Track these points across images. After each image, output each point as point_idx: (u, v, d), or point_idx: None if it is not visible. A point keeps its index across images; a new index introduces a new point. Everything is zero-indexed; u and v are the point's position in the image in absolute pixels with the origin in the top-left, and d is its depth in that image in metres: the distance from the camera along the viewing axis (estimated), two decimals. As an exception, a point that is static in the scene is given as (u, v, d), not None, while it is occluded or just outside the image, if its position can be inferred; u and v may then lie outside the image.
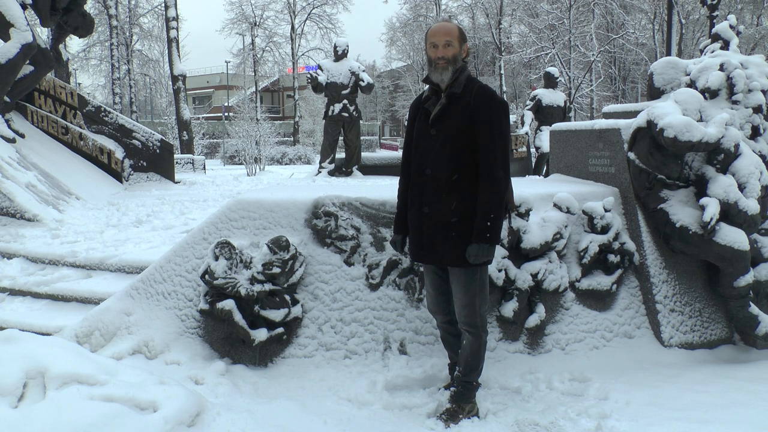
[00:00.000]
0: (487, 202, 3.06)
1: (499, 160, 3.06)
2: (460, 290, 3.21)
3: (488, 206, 3.05)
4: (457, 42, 3.17)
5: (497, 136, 3.08)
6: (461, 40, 3.20)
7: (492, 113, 3.10)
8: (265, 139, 21.22)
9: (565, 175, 5.19)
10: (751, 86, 4.63)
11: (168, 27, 20.53)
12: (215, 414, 2.96)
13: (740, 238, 4.22)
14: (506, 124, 3.13)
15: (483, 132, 3.08)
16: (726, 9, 29.10)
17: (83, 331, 4.00)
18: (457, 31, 3.21)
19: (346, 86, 11.00)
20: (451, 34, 3.18)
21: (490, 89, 3.19)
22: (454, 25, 3.27)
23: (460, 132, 3.11)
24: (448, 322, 3.44)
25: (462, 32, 3.24)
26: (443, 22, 3.30)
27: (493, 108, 3.11)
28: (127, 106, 34.59)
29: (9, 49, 8.56)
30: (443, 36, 3.17)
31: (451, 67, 3.16)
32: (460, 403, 3.26)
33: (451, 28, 3.22)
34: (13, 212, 7.01)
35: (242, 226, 4.03)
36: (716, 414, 3.30)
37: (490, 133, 3.08)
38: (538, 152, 11.31)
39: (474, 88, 3.15)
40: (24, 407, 2.51)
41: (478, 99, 3.11)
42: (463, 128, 3.11)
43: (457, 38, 3.18)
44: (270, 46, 43.20)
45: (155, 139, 11.49)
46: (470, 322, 3.22)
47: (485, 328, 3.29)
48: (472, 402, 3.30)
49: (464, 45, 3.22)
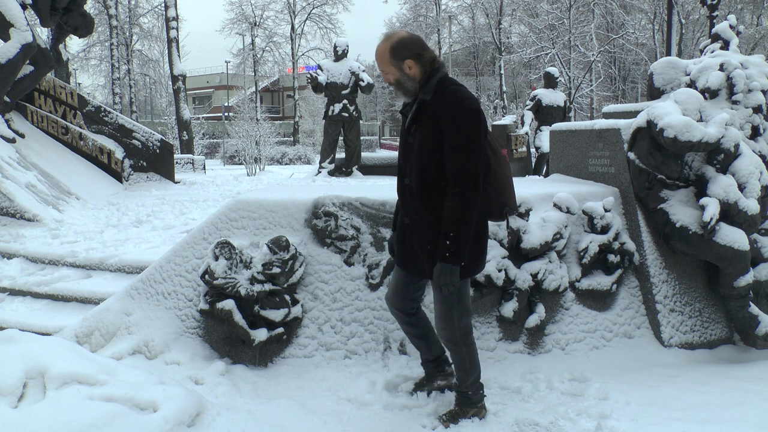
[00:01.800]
0: (447, 219, 2.82)
1: (464, 174, 2.79)
2: (437, 302, 3.07)
3: (448, 224, 2.81)
4: (391, 67, 2.95)
5: (463, 146, 2.80)
6: (397, 60, 2.92)
7: (455, 121, 2.82)
8: (265, 139, 21.22)
9: (565, 175, 5.19)
10: (751, 86, 4.63)
11: (168, 27, 20.54)
12: (215, 414, 2.96)
13: (740, 238, 4.22)
14: (474, 132, 2.81)
15: (449, 142, 2.82)
16: (726, 9, 29.10)
17: (83, 331, 4.00)
18: (387, 56, 2.94)
19: (346, 86, 11.00)
20: (382, 61, 2.97)
21: (459, 94, 2.87)
22: (384, 47, 2.96)
23: (431, 141, 2.87)
24: (408, 323, 3.36)
25: (396, 50, 2.92)
26: (378, 46, 2.99)
27: (457, 115, 2.82)
28: (127, 106, 34.59)
29: (9, 49, 8.56)
30: (378, 65, 3.01)
31: (401, 89, 2.99)
32: (463, 407, 3.22)
33: (381, 54, 2.97)
34: (13, 212, 7.01)
35: (242, 226, 4.03)
36: (716, 414, 3.30)
37: (455, 144, 2.81)
38: (538, 152, 11.31)
39: (444, 94, 2.88)
40: (24, 407, 2.51)
41: (443, 106, 2.85)
42: (432, 137, 2.87)
43: (389, 63, 2.94)
44: (270, 46, 43.23)
45: (155, 139, 11.49)
46: (448, 337, 3.09)
47: (467, 341, 3.10)
48: (478, 407, 3.22)
49: (405, 62, 2.92)
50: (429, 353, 3.46)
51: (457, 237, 2.80)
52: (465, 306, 3.08)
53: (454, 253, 2.81)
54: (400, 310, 3.32)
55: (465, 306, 3.08)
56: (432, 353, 3.46)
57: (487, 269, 3.99)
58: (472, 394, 3.21)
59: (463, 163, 2.80)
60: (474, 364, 3.17)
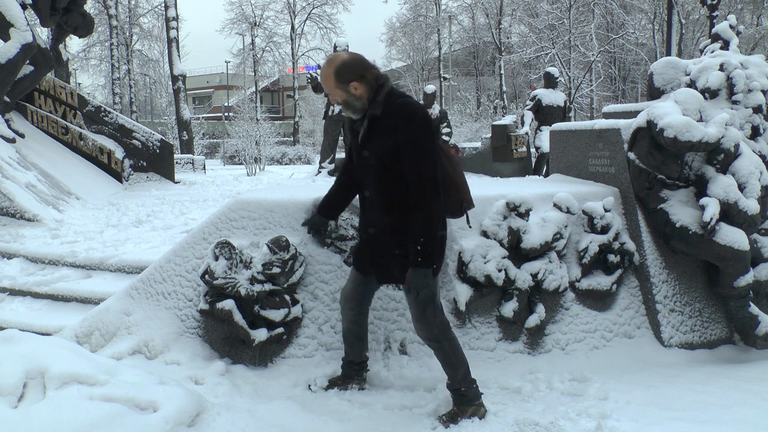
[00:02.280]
0: (413, 226, 2.94)
1: (423, 181, 2.91)
2: (412, 306, 3.15)
3: (416, 230, 2.93)
4: (337, 90, 3.03)
5: (419, 155, 2.92)
6: (342, 83, 3.00)
7: (411, 131, 2.93)
8: (265, 139, 21.22)
9: (565, 175, 5.19)
10: (751, 86, 4.63)
11: (168, 27, 20.55)
12: (215, 414, 2.96)
13: (740, 238, 4.22)
14: (429, 141, 2.95)
15: (405, 152, 2.94)
16: (726, 9, 29.09)
17: (83, 331, 4.00)
18: (332, 80, 3.02)
19: (346, 86, 11.00)
20: (327, 85, 3.05)
21: (410, 106, 3.00)
22: (328, 72, 3.03)
23: (388, 153, 2.99)
24: (355, 323, 3.48)
25: (339, 74, 3.00)
26: (322, 71, 3.08)
27: (413, 126, 2.94)
28: (127, 106, 34.59)
29: (9, 49, 8.56)
30: (324, 88, 3.10)
31: (349, 108, 3.08)
32: (461, 406, 3.24)
33: (326, 79, 3.04)
34: (13, 212, 7.01)
35: (242, 226, 4.03)
36: (716, 414, 3.30)
37: (411, 153, 2.93)
38: (538, 152, 11.31)
39: (393, 107, 2.98)
40: (24, 407, 2.51)
41: (397, 119, 2.96)
42: (389, 149, 2.98)
43: (335, 86, 3.03)
44: (270, 46, 43.24)
45: (155, 139, 11.49)
46: (428, 336, 3.17)
47: (446, 336, 3.18)
48: (475, 405, 3.24)
49: (350, 84, 3.00)
50: (360, 355, 3.59)
51: (427, 242, 2.93)
52: (437, 303, 3.18)
53: (426, 257, 2.94)
54: (352, 310, 3.47)
55: (437, 303, 3.18)
56: (362, 356, 3.60)
57: (487, 269, 3.99)
58: (465, 390, 3.23)
59: (421, 170, 2.92)
60: (459, 357, 3.22)
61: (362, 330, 3.55)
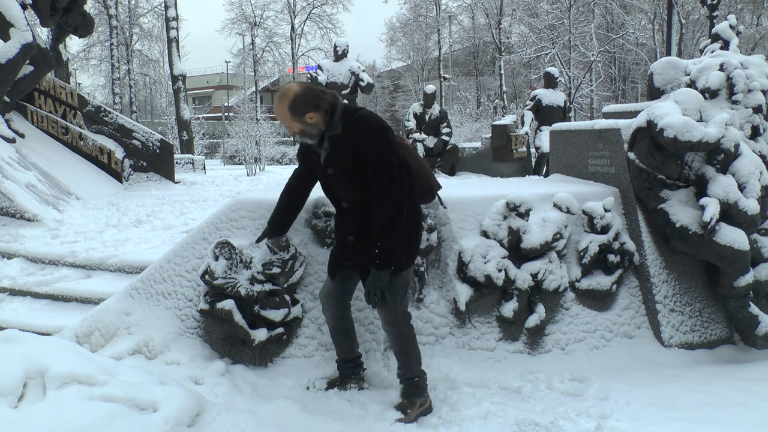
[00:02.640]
0: (373, 230, 3.07)
1: (388, 186, 3.02)
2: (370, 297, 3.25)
3: (374, 234, 3.06)
4: (293, 122, 3.08)
5: (381, 164, 3.03)
6: (298, 115, 3.05)
7: (373, 144, 3.04)
8: (265, 139, 21.22)
9: (565, 175, 5.19)
10: (751, 86, 4.63)
11: (168, 27, 20.53)
12: (215, 414, 2.96)
13: (740, 238, 4.22)
14: (388, 147, 3.05)
15: (369, 163, 3.05)
16: (726, 9, 29.09)
17: (83, 331, 4.00)
18: (287, 115, 3.06)
19: (346, 86, 11.00)
20: (283, 119, 3.10)
21: (366, 119, 3.10)
22: (282, 108, 3.07)
23: (354, 168, 3.10)
24: (340, 318, 3.53)
25: (294, 108, 3.04)
26: (276, 107, 3.12)
27: (374, 139, 3.05)
28: (127, 106, 34.58)
29: (9, 49, 8.56)
30: (280, 121, 3.16)
31: (306, 136, 3.14)
32: (411, 398, 3.31)
33: (281, 114, 3.09)
34: (13, 212, 7.01)
35: (242, 226, 4.03)
36: (716, 414, 3.30)
37: (375, 164, 3.04)
38: (538, 152, 11.30)
39: (351, 124, 3.07)
40: (24, 407, 2.51)
41: (358, 134, 3.06)
42: (354, 163, 3.09)
43: (291, 120, 3.08)
44: (270, 46, 43.25)
45: (155, 139, 11.49)
46: (390, 320, 3.27)
47: (407, 322, 3.32)
48: (424, 396, 3.33)
49: (306, 116, 3.06)
50: (351, 351, 3.63)
51: (384, 246, 3.05)
52: (405, 293, 3.29)
53: (383, 260, 3.07)
54: (334, 306, 3.53)
55: (405, 293, 3.29)
56: (353, 351, 3.64)
57: (487, 269, 4.00)
58: (419, 380, 3.32)
59: (386, 177, 3.03)
60: (415, 346, 3.35)
61: (348, 324, 3.58)
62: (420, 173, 3.32)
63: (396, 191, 3.05)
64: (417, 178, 3.28)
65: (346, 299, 3.56)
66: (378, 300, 3.13)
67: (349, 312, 3.60)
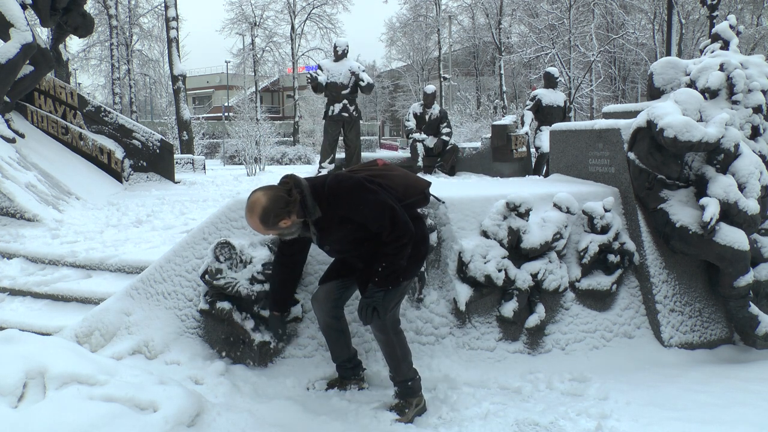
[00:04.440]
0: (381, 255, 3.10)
1: (392, 235, 3.04)
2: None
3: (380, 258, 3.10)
4: (271, 231, 3.08)
5: (378, 220, 3.04)
6: (273, 227, 3.02)
7: (357, 208, 3.05)
8: (265, 139, 21.19)
9: (565, 175, 5.19)
10: (751, 86, 4.63)
11: (168, 27, 20.52)
12: (215, 414, 2.96)
13: (740, 238, 4.22)
14: (373, 202, 3.05)
15: (359, 217, 3.06)
16: (726, 9, 29.09)
17: (83, 331, 3.99)
18: (262, 228, 3.02)
19: (346, 86, 10.99)
20: (261, 231, 3.08)
21: (336, 190, 3.07)
22: (255, 223, 3.02)
23: (350, 236, 3.13)
24: (334, 317, 3.53)
25: (265, 221, 2.98)
26: (249, 223, 3.06)
27: (353, 203, 3.05)
28: (127, 106, 34.57)
29: (9, 49, 8.55)
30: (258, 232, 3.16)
31: (292, 228, 3.10)
32: (406, 398, 3.32)
33: (256, 228, 3.05)
34: (13, 212, 7.01)
35: (242, 226, 4.03)
36: (716, 414, 3.30)
37: (365, 213, 3.05)
38: (538, 152, 11.30)
39: (326, 201, 3.06)
40: (24, 407, 2.51)
41: (339, 206, 3.05)
42: (349, 232, 3.11)
43: (268, 231, 3.07)
44: (270, 46, 43.21)
45: (155, 139, 11.49)
46: (379, 327, 3.26)
47: (396, 329, 3.31)
48: (419, 395, 3.34)
49: (280, 224, 3.01)
50: (347, 350, 3.62)
51: (389, 266, 3.10)
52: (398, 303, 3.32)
53: (382, 280, 3.11)
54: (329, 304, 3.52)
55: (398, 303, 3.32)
56: (349, 350, 3.64)
57: (487, 269, 4.00)
58: (413, 383, 3.33)
59: (389, 228, 3.04)
60: (405, 350, 3.34)
61: (342, 322, 3.58)
62: (408, 186, 3.30)
63: (400, 231, 3.05)
64: (406, 192, 3.27)
65: (341, 302, 3.56)
66: (368, 317, 3.14)
67: (341, 311, 3.59)
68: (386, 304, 3.17)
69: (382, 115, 57.26)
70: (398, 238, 3.05)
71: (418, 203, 3.39)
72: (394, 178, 3.29)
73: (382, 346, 3.36)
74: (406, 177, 3.39)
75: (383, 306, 3.15)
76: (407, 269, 3.21)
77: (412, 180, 3.40)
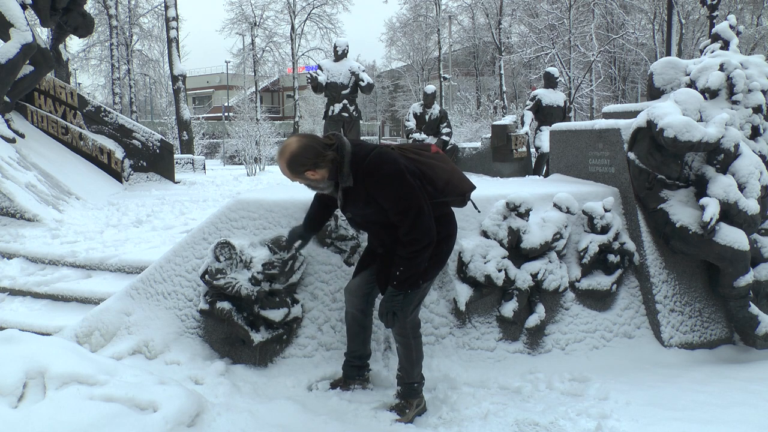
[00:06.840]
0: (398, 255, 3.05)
1: (410, 233, 2.98)
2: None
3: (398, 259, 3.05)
4: (297, 178, 3.03)
5: (401, 212, 2.98)
6: (298, 173, 2.99)
7: (388, 193, 2.98)
8: (265, 139, 21.21)
9: (565, 175, 5.19)
10: (751, 86, 4.63)
11: (168, 27, 20.53)
12: (215, 414, 2.96)
13: (740, 238, 4.22)
14: (406, 195, 2.98)
15: (387, 204, 3.01)
16: (726, 9, 29.08)
17: (83, 331, 4.00)
18: (288, 172, 3.00)
19: (346, 86, 10.99)
20: (287, 175, 3.04)
21: (377, 167, 2.98)
22: (282, 166, 3.00)
23: (373, 214, 3.09)
24: (361, 311, 3.53)
25: (292, 167, 2.97)
26: (278, 163, 3.04)
27: (387, 187, 2.98)
28: (127, 106, 34.57)
29: (9, 49, 8.56)
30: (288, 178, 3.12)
31: (317, 188, 3.11)
32: (408, 399, 3.32)
33: (283, 171, 3.02)
34: (13, 212, 7.01)
35: (242, 226, 4.03)
36: (716, 414, 3.30)
37: (395, 213, 3.00)
38: (538, 152, 11.30)
39: (363, 172, 2.98)
40: (24, 407, 2.51)
41: (371, 183, 2.98)
42: (372, 211, 3.07)
43: (293, 176, 3.02)
44: (270, 46, 43.19)
45: (155, 139, 11.49)
46: (399, 331, 3.26)
47: (415, 333, 3.32)
48: (420, 396, 3.36)
49: (306, 174, 2.98)
50: (363, 347, 3.61)
51: (405, 270, 3.04)
52: (418, 304, 3.31)
53: (401, 282, 3.06)
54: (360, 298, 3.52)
55: (418, 304, 3.31)
56: (365, 348, 3.62)
57: (487, 269, 4.00)
58: (418, 386, 3.34)
59: (409, 224, 2.98)
60: (420, 354, 3.35)
61: (367, 319, 3.57)
62: (449, 183, 3.20)
63: (419, 235, 2.98)
64: (444, 189, 3.18)
65: (372, 296, 3.53)
66: (390, 320, 3.12)
67: (371, 308, 3.57)
68: (405, 308, 3.14)
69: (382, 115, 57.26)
70: (414, 241, 2.98)
71: (454, 203, 3.30)
72: (439, 171, 3.19)
73: (399, 348, 3.34)
74: (452, 173, 3.25)
75: (403, 310, 3.13)
76: (427, 271, 3.14)
77: (456, 178, 3.26)
